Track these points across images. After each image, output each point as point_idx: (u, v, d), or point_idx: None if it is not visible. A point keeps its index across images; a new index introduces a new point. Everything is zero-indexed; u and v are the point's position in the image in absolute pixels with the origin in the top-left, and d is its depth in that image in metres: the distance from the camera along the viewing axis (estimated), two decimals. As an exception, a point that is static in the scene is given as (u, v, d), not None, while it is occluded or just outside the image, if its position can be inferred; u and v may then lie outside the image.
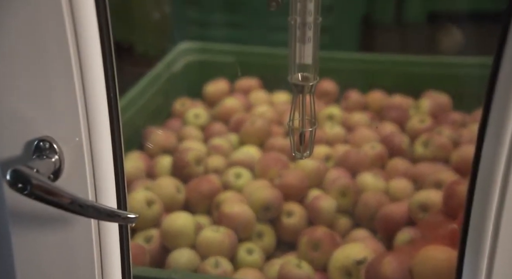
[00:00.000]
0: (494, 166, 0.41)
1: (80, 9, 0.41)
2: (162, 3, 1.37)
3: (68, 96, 0.42)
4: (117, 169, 0.45)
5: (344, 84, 1.14)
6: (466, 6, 1.26)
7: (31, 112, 0.42)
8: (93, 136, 0.43)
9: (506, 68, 0.39)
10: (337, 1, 1.28)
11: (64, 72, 0.42)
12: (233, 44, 1.27)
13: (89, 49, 0.42)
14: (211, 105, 1.16)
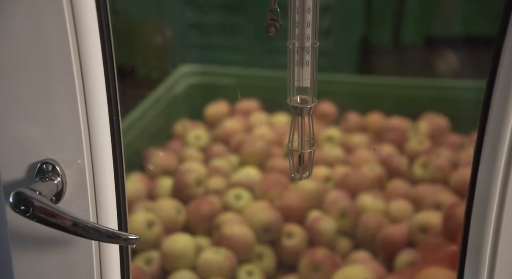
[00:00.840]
0: (490, 188, 0.42)
1: (85, 34, 0.42)
2: (163, 27, 1.40)
3: (71, 119, 0.43)
4: (119, 191, 0.46)
5: (343, 106, 1.16)
6: (462, 30, 1.28)
7: (34, 135, 0.43)
8: (95, 158, 0.44)
9: (499, 92, 0.40)
10: (335, 25, 1.30)
11: (67, 96, 0.43)
12: (233, 67, 1.29)
13: (93, 73, 0.43)
14: (211, 126, 1.17)
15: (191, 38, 1.41)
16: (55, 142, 0.43)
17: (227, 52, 1.40)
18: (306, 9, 0.47)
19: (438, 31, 1.35)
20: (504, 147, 0.41)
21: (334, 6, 1.29)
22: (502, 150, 0.41)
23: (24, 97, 0.43)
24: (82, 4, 0.41)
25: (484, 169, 0.42)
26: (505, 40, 0.39)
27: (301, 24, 0.48)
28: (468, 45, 1.22)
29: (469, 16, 1.27)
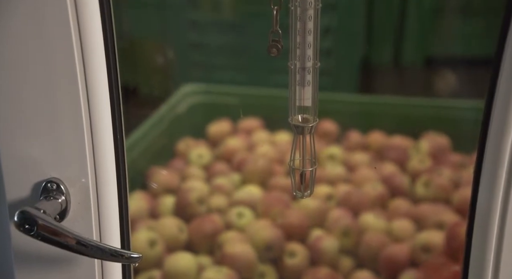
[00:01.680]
0: (490, 208, 0.42)
1: (91, 54, 0.43)
2: (166, 46, 1.42)
3: (76, 138, 0.44)
4: (122, 209, 0.46)
5: (344, 124, 1.16)
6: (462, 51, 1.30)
7: (39, 154, 0.44)
8: (99, 177, 0.45)
9: (497, 113, 0.40)
10: (336, 45, 1.32)
11: (72, 115, 0.43)
12: (235, 86, 1.30)
13: (98, 93, 0.44)
14: (214, 145, 1.17)
15: (193, 58, 1.43)
16: (60, 160, 0.44)
17: (229, 71, 1.41)
18: (307, 31, 0.48)
19: (438, 51, 1.36)
20: (504, 167, 0.41)
21: (335, 27, 1.31)
22: (501, 169, 0.41)
23: (29, 117, 0.44)
24: (89, 25, 0.42)
25: (484, 189, 0.42)
26: (502, 61, 0.40)
27: (302, 46, 0.49)
28: (468, 65, 1.23)
29: (468, 36, 1.29)
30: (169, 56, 1.43)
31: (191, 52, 1.43)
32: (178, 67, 1.43)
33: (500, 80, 0.40)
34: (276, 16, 0.47)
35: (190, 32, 1.40)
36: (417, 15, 1.31)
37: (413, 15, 1.31)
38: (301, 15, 0.46)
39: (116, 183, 0.45)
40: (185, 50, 1.43)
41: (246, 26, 1.35)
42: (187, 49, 1.42)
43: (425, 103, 1.18)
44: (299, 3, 0.45)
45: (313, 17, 0.46)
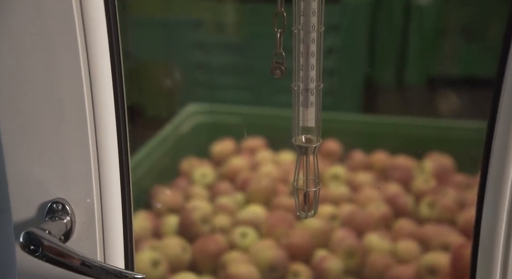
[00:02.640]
0: (495, 229, 0.42)
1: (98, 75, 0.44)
2: (171, 67, 1.44)
3: (82, 159, 0.44)
4: (126, 230, 0.46)
5: (348, 144, 1.16)
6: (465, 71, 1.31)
7: (46, 175, 0.44)
8: (104, 197, 0.45)
9: (500, 133, 0.41)
10: (339, 66, 1.33)
11: (78, 136, 0.44)
12: (239, 106, 1.31)
13: (104, 113, 0.45)
14: (218, 164, 1.18)
15: (198, 78, 1.44)
16: (66, 181, 0.44)
17: (233, 91, 1.43)
18: (310, 53, 0.48)
19: (441, 72, 1.37)
20: (507, 187, 0.41)
21: (339, 47, 1.32)
22: (505, 190, 0.41)
23: (36, 137, 0.45)
24: (96, 47, 0.43)
25: (488, 209, 0.42)
26: (503, 82, 0.40)
27: (306, 67, 0.49)
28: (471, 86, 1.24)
29: (471, 57, 1.30)
30: (174, 76, 1.44)
31: (196, 73, 1.44)
32: (183, 87, 1.44)
33: (502, 101, 0.40)
34: (279, 38, 0.47)
35: (195, 52, 1.42)
36: (419, 36, 1.33)
37: (415, 36, 1.33)
38: (304, 38, 0.47)
39: (121, 203, 0.46)
40: (190, 71, 1.44)
41: (250, 47, 1.37)
42: (192, 69, 1.44)
43: (428, 123, 1.19)
44: (302, 26, 0.46)
45: (316, 40, 0.47)
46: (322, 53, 0.48)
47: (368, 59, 1.37)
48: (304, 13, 0.45)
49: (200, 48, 1.42)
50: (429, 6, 1.31)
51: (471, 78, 1.27)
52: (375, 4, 1.31)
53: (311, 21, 0.46)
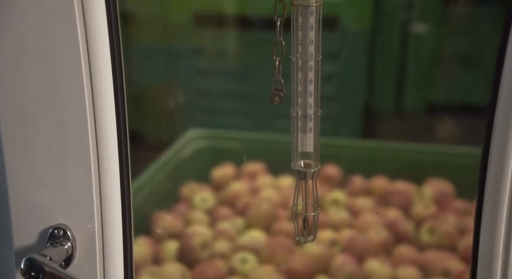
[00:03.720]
0: (492, 255, 0.42)
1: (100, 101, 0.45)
2: (172, 93, 1.46)
3: (84, 184, 0.45)
4: (126, 255, 0.46)
5: (347, 169, 1.17)
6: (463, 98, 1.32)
7: (48, 201, 0.45)
8: (105, 222, 0.45)
9: (494, 160, 0.41)
10: (338, 91, 1.35)
11: (81, 161, 0.45)
12: (239, 131, 1.32)
13: (106, 139, 0.45)
14: (218, 189, 1.18)
15: (199, 104, 1.46)
16: (68, 206, 0.45)
17: (233, 117, 1.44)
18: (308, 80, 0.50)
19: (439, 98, 1.39)
20: (503, 213, 0.42)
21: (338, 74, 1.35)
22: (501, 216, 0.41)
23: (39, 164, 0.45)
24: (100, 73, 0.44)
25: (485, 235, 0.43)
26: (496, 109, 0.41)
27: (304, 94, 0.50)
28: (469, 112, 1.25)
29: (469, 84, 1.32)
30: (175, 102, 1.46)
31: (197, 98, 1.46)
32: (184, 113, 1.46)
33: (495, 128, 0.41)
34: (278, 66, 0.49)
35: (196, 79, 1.44)
36: (417, 63, 1.35)
37: (413, 63, 1.35)
38: (302, 65, 0.48)
39: (122, 228, 0.46)
40: (191, 96, 1.46)
41: (250, 74, 1.40)
42: (193, 95, 1.46)
43: (427, 149, 1.20)
44: (300, 54, 0.47)
45: (313, 68, 0.48)
46: (319, 80, 0.49)
47: (367, 86, 1.39)
48: (302, 42, 0.47)
49: (201, 74, 1.44)
50: (426, 35, 1.34)
51: (469, 105, 1.28)
52: (373, 32, 1.34)
53: (308, 50, 0.47)
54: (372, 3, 1.31)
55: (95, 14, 0.43)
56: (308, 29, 0.46)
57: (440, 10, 1.33)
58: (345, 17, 1.30)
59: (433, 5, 1.33)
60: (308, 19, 0.45)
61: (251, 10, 1.37)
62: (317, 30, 0.46)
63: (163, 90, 1.45)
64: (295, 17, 0.45)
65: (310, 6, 0.45)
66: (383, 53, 1.37)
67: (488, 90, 0.42)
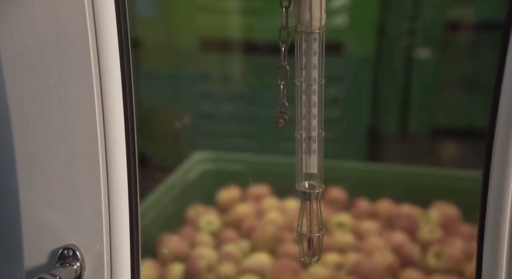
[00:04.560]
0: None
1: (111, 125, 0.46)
2: (178, 116, 1.48)
3: (93, 206, 0.46)
4: (134, 277, 0.47)
5: (353, 192, 1.17)
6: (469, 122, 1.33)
7: (59, 221, 0.46)
8: (113, 243, 0.46)
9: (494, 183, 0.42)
10: (343, 114, 1.37)
11: (91, 184, 0.46)
12: (245, 154, 1.33)
13: (116, 162, 0.47)
14: (223, 211, 1.18)
15: (205, 126, 1.48)
16: (78, 227, 0.46)
17: (238, 139, 1.45)
18: (312, 103, 0.51)
19: (443, 122, 1.40)
20: (505, 237, 0.42)
21: (342, 97, 1.36)
22: (503, 240, 0.42)
23: (50, 185, 0.46)
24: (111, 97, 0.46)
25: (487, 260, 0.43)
26: (495, 133, 0.42)
27: (308, 117, 0.52)
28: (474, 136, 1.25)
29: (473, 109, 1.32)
30: (181, 125, 1.48)
31: (203, 121, 1.48)
32: (190, 136, 1.47)
33: (495, 151, 0.42)
34: (283, 90, 0.50)
35: (202, 102, 1.46)
36: (421, 87, 1.37)
37: (417, 87, 1.36)
38: (306, 89, 0.50)
39: (130, 249, 0.47)
40: (196, 120, 1.48)
41: (254, 97, 1.41)
42: (198, 118, 1.48)
43: (432, 172, 1.20)
44: (304, 78, 0.49)
45: (317, 91, 0.50)
46: (323, 103, 0.51)
47: (371, 109, 1.40)
48: (305, 67, 0.48)
49: (206, 98, 1.46)
50: (429, 60, 1.35)
51: (473, 129, 1.29)
52: (377, 57, 1.36)
53: (312, 74, 0.49)
54: (375, 29, 1.33)
55: (107, 40, 0.45)
56: (311, 55, 0.48)
57: (443, 35, 1.36)
58: (349, 43, 1.32)
59: (436, 31, 1.36)
60: (311, 45, 0.47)
61: (256, 36, 1.40)
62: (320, 56, 0.48)
63: (170, 113, 1.47)
64: (299, 43, 0.47)
65: (314, 32, 0.47)
66: (387, 78, 1.39)
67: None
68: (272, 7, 1.21)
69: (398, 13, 1.35)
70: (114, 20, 0.44)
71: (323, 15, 0.46)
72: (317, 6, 0.45)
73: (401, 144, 1.40)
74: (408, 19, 1.33)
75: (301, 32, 0.47)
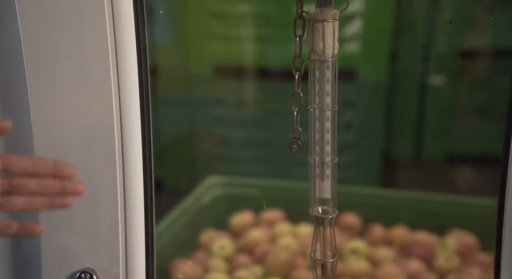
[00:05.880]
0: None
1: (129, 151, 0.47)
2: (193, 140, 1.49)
3: (110, 232, 0.47)
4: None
5: (367, 218, 1.16)
6: (484, 149, 1.31)
7: (78, 246, 0.46)
8: (129, 267, 0.46)
9: (509, 210, 0.42)
10: (357, 140, 1.37)
11: (109, 210, 0.47)
12: (258, 179, 1.34)
13: (133, 189, 0.48)
14: (237, 236, 1.18)
15: (218, 151, 1.49)
16: (94, 251, 0.46)
17: (252, 164, 1.46)
18: (325, 129, 0.52)
19: (458, 149, 1.39)
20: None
21: (356, 122, 1.37)
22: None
23: (69, 211, 0.47)
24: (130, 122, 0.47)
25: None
26: (509, 160, 0.42)
27: (321, 142, 0.52)
28: (490, 163, 1.24)
29: (488, 135, 1.31)
30: (195, 150, 1.49)
31: (216, 146, 1.49)
32: (204, 160, 1.48)
33: (509, 178, 0.42)
34: (296, 116, 0.51)
35: (216, 127, 1.48)
36: (435, 114, 1.36)
37: (431, 113, 1.36)
38: (320, 116, 0.50)
39: (145, 273, 0.47)
40: (210, 144, 1.49)
41: (268, 122, 1.43)
42: (212, 143, 1.49)
43: (447, 199, 1.18)
44: (317, 105, 0.50)
45: (330, 118, 0.51)
46: (336, 129, 0.51)
47: (386, 135, 1.40)
48: (319, 94, 0.49)
49: (220, 123, 1.48)
50: (443, 86, 1.36)
51: (489, 156, 1.27)
52: (390, 83, 1.37)
53: (325, 101, 0.49)
54: (388, 56, 1.35)
55: (128, 69, 0.46)
56: (324, 82, 0.49)
57: (456, 63, 1.36)
58: (362, 69, 1.34)
59: (449, 59, 1.36)
60: (324, 73, 0.48)
61: (269, 62, 1.43)
62: (333, 83, 0.49)
63: (184, 138, 1.49)
64: (313, 70, 0.48)
65: (327, 61, 0.48)
66: (400, 104, 1.39)
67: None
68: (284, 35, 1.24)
69: (410, 41, 1.36)
70: (135, 51, 0.46)
71: (336, 44, 0.47)
72: (330, 35, 0.46)
73: (415, 170, 1.39)
74: (421, 46, 1.34)
75: (315, 60, 0.48)
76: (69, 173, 0.42)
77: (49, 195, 0.42)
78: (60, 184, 0.42)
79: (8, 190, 0.41)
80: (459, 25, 1.32)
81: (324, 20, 0.46)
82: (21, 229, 0.42)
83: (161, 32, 1.42)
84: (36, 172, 0.42)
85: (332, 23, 0.46)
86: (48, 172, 0.42)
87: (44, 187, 0.41)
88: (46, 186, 0.42)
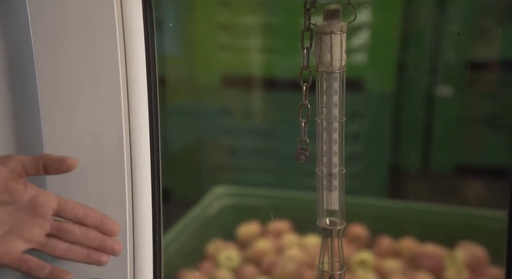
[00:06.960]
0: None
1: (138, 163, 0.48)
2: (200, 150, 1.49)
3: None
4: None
5: (375, 229, 1.15)
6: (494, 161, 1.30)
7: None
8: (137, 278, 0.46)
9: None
10: (365, 151, 1.36)
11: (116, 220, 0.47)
12: (265, 189, 1.33)
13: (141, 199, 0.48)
14: (243, 247, 1.17)
15: (225, 161, 1.49)
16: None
17: (259, 174, 1.46)
18: (333, 141, 0.52)
19: (466, 160, 1.38)
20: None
21: (364, 133, 1.36)
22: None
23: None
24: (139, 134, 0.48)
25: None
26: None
27: (329, 154, 0.52)
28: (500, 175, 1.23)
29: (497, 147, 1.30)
30: (202, 160, 1.49)
31: (223, 156, 1.49)
32: (211, 170, 1.49)
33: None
34: (304, 127, 0.51)
35: (223, 137, 1.48)
36: (443, 124, 1.36)
37: (439, 124, 1.36)
38: (327, 127, 0.50)
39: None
40: (217, 154, 1.50)
41: (276, 132, 1.43)
42: (219, 153, 1.49)
43: (455, 211, 1.17)
44: (325, 116, 0.50)
45: (337, 129, 0.51)
46: (343, 140, 0.51)
47: (394, 146, 1.40)
48: (326, 105, 0.49)
49: (227, 133, 1.48)
50: (451, 98, 1.35)
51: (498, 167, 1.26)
52: (398, 94, 1.36)
53: (333, 112, 0.50)
54: (395, 66, 1.35)
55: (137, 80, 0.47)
56: (332, 94, 0.49)
57: (464, 74, 1.36)
58: (369, 80, 1.34)
59: (457, 70, 1.36)
60: (332, 84, 0.48)
61: (276, 73, 1.43)
62: (341, 94, 0.49)
63: (191, 148, 1.49)
64: (320, 82, 0.48)
65: (334, 72, 0.48)
66: (408, 115, 1.39)
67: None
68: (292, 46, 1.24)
69: (418, 51, 1.36)
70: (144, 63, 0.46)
71: (344, 55, 0.47)
72: (338, 47, 0.47)
73: (423, 181, 1.38)
74: (429, 57, 1.34)
75: (322, 72, 0.48)
76: (113, 229, 0.43)
77: (88, 247, 0.42)
78: (102, 239, 0.43)
79: (55, 233, 0.42)
80: (467, 36, 1.32)
81: (331, 32, 0.46)
82: (51, 274, 0.43)
83: (169, 44, 1.43)
84: (84, 221, 0.43)
85: (340, 35, 0.46)
86: (95, 223, 0.43)
87: (87, 237, 0.43)
88: (89, 237, 0.43)
